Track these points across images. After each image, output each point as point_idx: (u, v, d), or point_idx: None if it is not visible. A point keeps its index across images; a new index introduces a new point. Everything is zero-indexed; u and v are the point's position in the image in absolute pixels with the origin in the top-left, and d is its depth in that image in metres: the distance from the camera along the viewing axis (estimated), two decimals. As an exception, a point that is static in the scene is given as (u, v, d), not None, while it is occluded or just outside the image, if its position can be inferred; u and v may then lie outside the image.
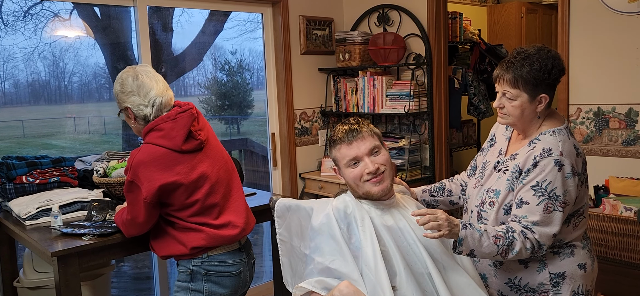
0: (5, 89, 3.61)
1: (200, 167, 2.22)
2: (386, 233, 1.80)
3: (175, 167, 2.15)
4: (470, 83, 4.71)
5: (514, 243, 1.79)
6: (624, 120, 3.08)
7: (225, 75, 4.85)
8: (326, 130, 4.45)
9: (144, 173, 2.11)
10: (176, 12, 4.15)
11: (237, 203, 2.36)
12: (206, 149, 2.28)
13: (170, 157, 2.15)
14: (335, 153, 1.92)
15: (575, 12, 3.20)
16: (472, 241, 1.78)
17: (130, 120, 2.27)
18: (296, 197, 4.26)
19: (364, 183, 1.86)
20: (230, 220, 2.28)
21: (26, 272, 2.94)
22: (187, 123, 2.20)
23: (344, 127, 1.90)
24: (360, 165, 1.86)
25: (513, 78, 1.84)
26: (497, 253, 1.80)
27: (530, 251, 1.81)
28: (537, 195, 1.80)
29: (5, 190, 2.80)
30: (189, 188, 2.17)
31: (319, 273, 1.73)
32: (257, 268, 4.98)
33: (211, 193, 2.24)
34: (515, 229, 1.81)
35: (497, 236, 1.80)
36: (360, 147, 1.86)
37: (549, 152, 1.81)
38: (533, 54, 1.84)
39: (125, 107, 2.25)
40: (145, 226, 2.24)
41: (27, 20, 3.45)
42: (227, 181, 2.33)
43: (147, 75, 2.23)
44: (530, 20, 5.80)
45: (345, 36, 4.23)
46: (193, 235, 2.22)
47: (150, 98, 2.20)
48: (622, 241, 2.62)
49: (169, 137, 2.16)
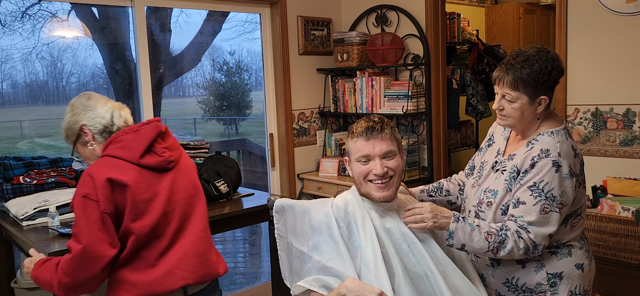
0: (3, 90, 3.61)
1: (157, 188, 1.90)
2: (385, 236, 1.80)
3: (128, 173, 1.85)
4: (468, 83, 4.72)
5: (506, 241, 1.79)
6: (621, 120, 3.08)
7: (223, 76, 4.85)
8: (324, 131, 4.45)
9: (94, 178, 1.79)
10: (174, 13, 4.16)
11: (192, 245, 1.97)
12: (172, 173, 1.97)
13: (124, 166, 1.87)
14: (350, 144, 1.88)
15: (573, 12, 3.20)
16: (463, 235, 1.80)
17: (86, 145, 1.96)
18: (294, 197, 4.26)
19: (368, 183, 1.84)
20: (171, 268, 1.90)
21: (23, 273, 2.94)
22: (149, 135, 1.92)
23: (367, 122, 1.86)
24: (370, 164, 1.83)
25: (513, 80, 1.83)
26: (487, 249, 1.80)
27: (523, 252, 1.81)
28: (534, 195, 1.80)
29: (3, 190, 2.79)
30: (137, 207, 1.83)
31: (317, 271, 1.73)
32: (255, 269, 4.98)
33: (159, 226, 1.89)
34: (510, 228, 1.82)
35: (490, 233, 1.81)
36: (376, 147, 1.82)
37: (547, 152, 1.81)
38: (533, 55, 1.83)
39: (79, 130, 1.94)
40: (98, 264, 1.77)
41: (25, 21, 3.45)
42: (184, 215, 1.98)
43: (98, 96, 2.01)
44: (528, 21, 5.81)
45: (343, 36, 4.23)
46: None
47: (107, 109, 1.96)
48: (619, 241, 2.62)
49: (127, 148, 1.88)
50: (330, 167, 4.23)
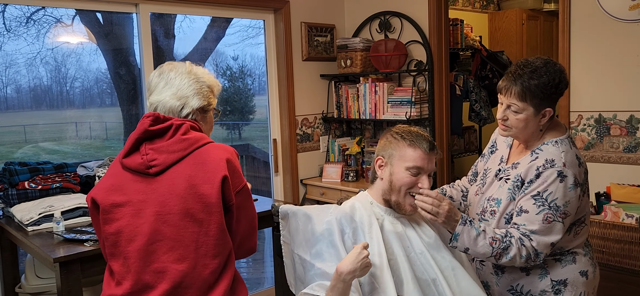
0: (8, 94, 3.62)
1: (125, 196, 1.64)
2: (395, 241, 1.80)
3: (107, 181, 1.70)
4: (471, 89, 4.72)
5: (510, 248, 1.80)
6: (625, 127, 3.08)
7: (227, 81, 4.86)
8: (328, 137, 4.46)
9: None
10: (178, 18, 4.16)
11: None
12: (155, 183, 1.63)
13: (113, 168, 1.73)
14: (403, 149, 1.82)
15: (576, 19, 3.21)
16: (468, 239, 1.80)
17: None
18: (297, 203, 4.26)
19: (407, 195, 1.82)
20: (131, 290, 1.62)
21: (28, 278, 2.94)
22: (137, 130, 1.66)
23: (424, 135, 1.84)
24: (420, 178, 1.82)
25: (521, 91, 1.81)
26: (491, 255, 1.81)
27: (524, 259, 1.81)
28: (538, 204, 1.80)
29: (8, 195, 2.80)
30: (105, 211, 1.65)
31: (319, 278, 1.74)
32: (258, 274, 4.98)
33: (121, 241, 1.63)
34: (514, 235, 1.82)
35: (494, 239, 1.81)
36: (430, 163, 1.83)
37: (552, 163, 1.81)
38: (541, 67, 1.82)
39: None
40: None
41: (30, 26, 3.46)
42: (153, 243, 1.60)
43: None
44: (531, 27, 5.81)
45: (346, 43, 4.24)
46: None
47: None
48: (623, 248, 2.62)
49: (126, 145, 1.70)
50: (333, 173, 4.23)
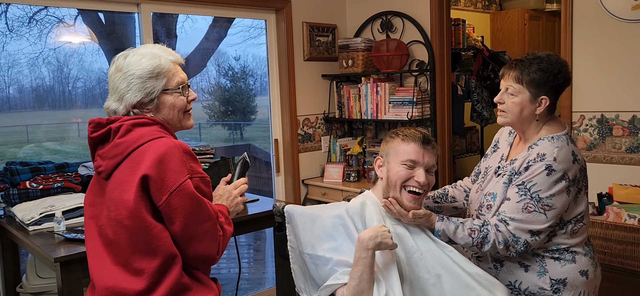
0: (10, 94, 3.62)
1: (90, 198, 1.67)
2: (397, 240, 1.80)
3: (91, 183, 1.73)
4: (473, 90, 4.71)
5: (488, 236, 1.86)
6: (627, 127, 3.07)
7: (228, 81, 4.86)
8: (329, 137, 4.46)
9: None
10: (180, 18, 4.17)
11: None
12: (106, 187, 1.58)
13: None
14: (397, 145, 1.88)
15: (578, 19, 3.20)
16: (448, 233, 1.89)
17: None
18: (299, 203, 4.26)
19: (403, 190, 1.86)
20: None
21: (29, 277, 2.95)
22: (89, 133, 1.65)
23: (420, 131, 1.90)
24: (415, 171, 1.85)
25: (518, 74, 1.88)
26: (472, 244, 1.88)
27: (504, 246, 1.85)
28: (520, 193, 1.84)
29: (9, 195, 2.81)
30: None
31: (340, 267, 1.73)
32: (260, 274, 4.98)
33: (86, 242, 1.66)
34: (490, 222, 1.88)
35: (472, 230, 1.88)
36: (425, 156, 1.87)
37: (543, 156, 1.84)
38: (543, 57, 1.89)
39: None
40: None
41: (32, 26, 3.47)
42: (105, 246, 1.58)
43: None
44: (533, 27, 5.80)
45: (348, 43, 4.23)
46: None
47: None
48: (626, 249, 2.61)
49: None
50: (335, 173, 4.23)
